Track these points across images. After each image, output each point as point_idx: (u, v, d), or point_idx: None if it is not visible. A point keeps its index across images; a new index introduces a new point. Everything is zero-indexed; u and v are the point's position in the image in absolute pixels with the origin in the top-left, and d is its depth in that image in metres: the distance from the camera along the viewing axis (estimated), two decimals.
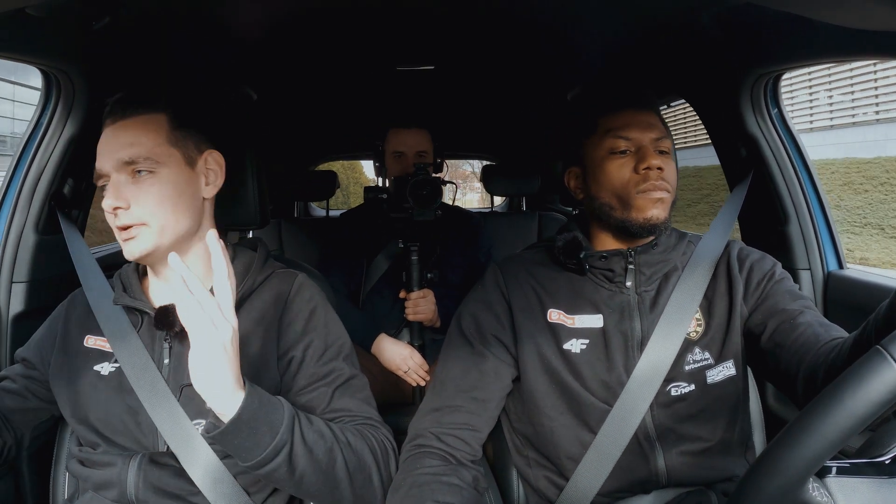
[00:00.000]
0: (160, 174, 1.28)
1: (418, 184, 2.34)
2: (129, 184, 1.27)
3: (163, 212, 1.28)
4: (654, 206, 1.34)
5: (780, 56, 1.66)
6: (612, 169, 1.38)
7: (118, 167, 1.26)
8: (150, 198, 1.27)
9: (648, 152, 1.35)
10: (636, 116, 1.39)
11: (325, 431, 1.19)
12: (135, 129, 1.28)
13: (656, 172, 1.34)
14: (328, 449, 1.18)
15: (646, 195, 1.34)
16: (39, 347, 1.42)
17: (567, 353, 1.37)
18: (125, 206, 1.25)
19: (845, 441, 0.70)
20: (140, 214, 1.26)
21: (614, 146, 1.38)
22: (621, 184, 1.37)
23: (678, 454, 1.34)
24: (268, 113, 3.07)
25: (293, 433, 1.13)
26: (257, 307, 1.37)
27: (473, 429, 1.36)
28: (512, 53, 2.24)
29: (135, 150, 1.26)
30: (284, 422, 1.12)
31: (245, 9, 1.65)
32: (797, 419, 0.73)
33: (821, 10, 0.95)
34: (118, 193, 1.25)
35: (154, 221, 1.27)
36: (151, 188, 1.27)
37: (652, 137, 1.37)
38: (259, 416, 1.09)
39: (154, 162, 1.27)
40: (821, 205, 1.92)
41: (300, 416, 1.17)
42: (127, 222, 1.26)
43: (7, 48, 1.47)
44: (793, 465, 0.71)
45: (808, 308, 1.36)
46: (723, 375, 1.37)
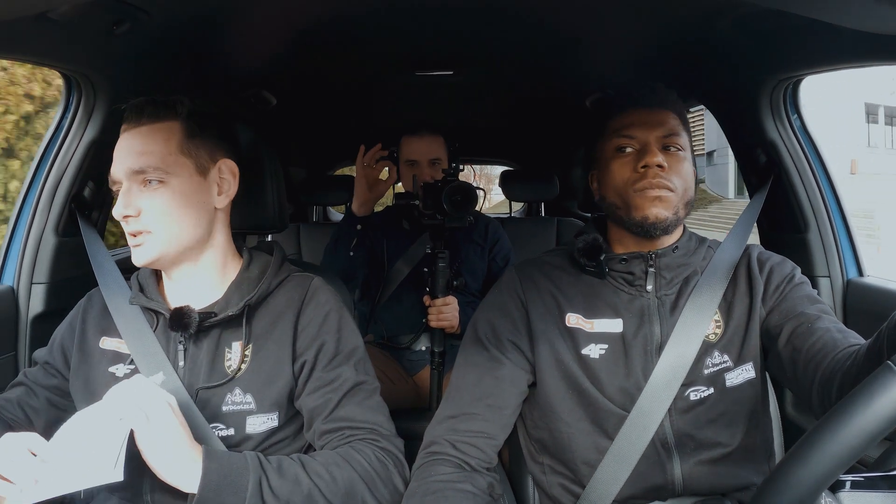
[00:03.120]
0: (170, 184, 1.29)
1: (453, 190, 2.32)
2: (140, 191, 1.28)
3: (169, 221, 1.29)
4: (651, 205, 1.32)
5: (799, 61, 1.65)
6: (616, 168, 1.37)
7: (129, 175, 1.28)
8: (158, 207, 1.28)
9: (649, 150, 1.33)
10: (643, 115, 1.37)
11: (302, 478, 1.20)
12: (147, 137, 1.29)
13: (655, 170, 1.32)
14: (306, 495, 1.19)
15: (643, 193, 1.33)
16: (62, 348, 1.42)
17: (585, 358, 1.36)
18: (135, 214, 1.27)
19: (857, 458, 0.70)
20: (147, 223, 1.28)
21: (619, 145, 1.37)
22: (622, 182, 1.36)
23: (696, 462, 1.32)
24: (287, 117, 3.08)
25: (262, 494, 1.15)
26: (273, 311, 1.38)
27: (489, 436, 1.34)
28: (530, 59, 2.23)
29: (144, 159, 1.27)
30: (250, 487, 1.14)
31: (265, 14, 1.66)
32: (808, 436, 0.73)
33: (839, 14, 0.94)
34: (128, 201, 1.27)
35: (160, 230, 1.29)
36: (160, 198, 1.28)
37: (657, 135, 1.35)
38: (222, 487, 1.12)
39: (164, 172, 1.28)
40: (841, 212, 1.89)
41: (268, 474, 1.18)
42: (135, 229, 1.28)
43: (29, 52, 1.49)
44: (804, 482, 0.71)
45: (825, 313, 1.34)
46: (742, 378, 1.35)
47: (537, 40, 1.97)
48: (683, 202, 1.35)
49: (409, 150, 2.68)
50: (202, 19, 1.63)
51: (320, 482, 1.20)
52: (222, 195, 1.38)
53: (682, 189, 1.35)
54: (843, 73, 1.85)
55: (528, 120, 3.58)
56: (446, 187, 2.30)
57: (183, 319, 1.29)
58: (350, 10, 1.66)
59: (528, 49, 2.08)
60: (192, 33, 1.72)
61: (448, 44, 2.06)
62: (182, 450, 1.11)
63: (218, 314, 1.32)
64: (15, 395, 1.39)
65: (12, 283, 1.79)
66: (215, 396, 1.31)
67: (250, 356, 1.33)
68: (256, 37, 1.88)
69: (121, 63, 1.69)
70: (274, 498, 1.15)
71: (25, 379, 1.42)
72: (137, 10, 1.41)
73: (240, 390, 1.31)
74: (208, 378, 1.31)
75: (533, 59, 2.23)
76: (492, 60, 2.27)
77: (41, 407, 1.39)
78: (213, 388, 1.31)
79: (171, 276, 1.38)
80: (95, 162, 1.80)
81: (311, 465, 1.23)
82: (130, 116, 1.31)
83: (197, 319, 1.30)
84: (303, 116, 3.24)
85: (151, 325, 1.36)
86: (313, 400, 1.32)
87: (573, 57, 2.15)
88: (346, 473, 1.23)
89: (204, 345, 1.34)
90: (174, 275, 1.37)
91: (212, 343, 1.34)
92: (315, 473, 1.21)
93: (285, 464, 1.22)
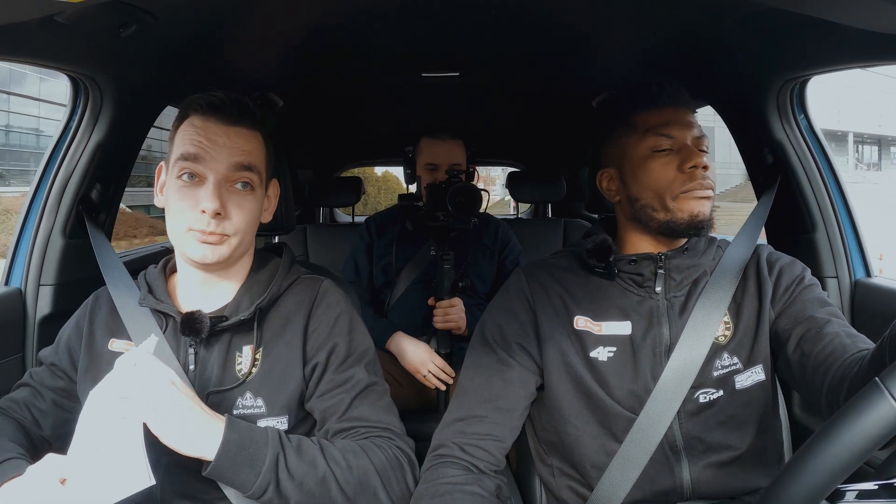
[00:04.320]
0: (257, 193, 1.32)
1: (457, 191, 2.32)
2: (229, 193, 1.28)
3: (249, 229, 1.32)
4: (699, 205, 1.33)
5: (806, 61, 1.64)
6: (656, 168, 1.36)
7: (229, 169, 1.27)
8: (245, 214, 1.30)
9: (693, 151, 1.33)
10: (677, 114, 1.37)
11: (319, 461, 1.20)
12: (249, 140, 1.31)
13: (702, 171, 1.32)
14: (320, 479, 1.19)
15: (691, 194, 1.33)
16: (69, 349, 1.41)
17: (593, 361, 1.35)
18: (224, 215, 1.27)
19: (847, 474, 0.70)
20: (230, 227, 1.28)
21: (657, 145, 1.36)
22: (666, 183, 1.34)
23: (704, 466, 1.32)
24: (293, 119, 3.09)
25: (277, 470, 1.15)
26: (283, 314, 1.37)
27: (497, 439, 1.34)
28: (536, 60, 2.23)
29: (250, 157, 1.29)
30: (267, 461, 1.14)
31: (270, 16, 1.66)
32: (798, 454, 0.73)
33: (846, 14, 0.94)
34: (222, 198, 1.26)
35: (237, 235, 1.30)
36: (248, 205, 1.30)
37: (694, 136, 1.36)
38: (239, 457, 1.13)
39: (259, 177, 1.31)
40: (848, 212, 1.88)
41: (287, 451, 1.18)
42: (218, 230, 1.26)
43: (36, 55, 1.50)
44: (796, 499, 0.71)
45: (835, 316, 1.33)
46: (752, 381, 1.34)
47: (543, 41, 1.97)
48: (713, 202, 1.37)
49: (431, 154, 2.68)
50: (208, 22, 1.64)
51: (336, 468, 1.20)
52: (266, 211, 1.41)
53: (714, 188, 1.36)
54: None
55: (535, 121, 3.57)
56: (450, 189, 2.30)
57: (195, 325, 1.29)
58: (355, 11, 1.66)
59: (534, 50, 2.07)
60: (198, 36, 1.72)
61: (454, 45, 2.06)
62: (198, 421, 1.12)
63: (229, 318, 1.32)
64: (21, 396, 1.39)
65: (20, 285, 1.79)
66: (226, 400, 1.30)
67: (261, 360, 1.33)
68: (262, 39, 1.88)
69: (127, 65, 1.70)
70: (288, 476, 1.15)
71: (31, 380, 1.42)
72: (143, 12, 1.41)
73: (250, 394, 1.31)
74: (219, 382, 1.31)
75: (538, 60, 2.22)
76: (498, 62, 2.27)
77: (47, 409, 1.38)
78: (224, 392, 1.31)
79: (199, 277, 1.36)
80: (102, 164, 1.81)
81: (329, 449, 1.23)
82: (228, 111, 1.29)
83: (208, 325, 1.29)
84: (309, 118, 3.25)
85: (160, 326, 1.36)
86: (325, 401, 1.32)
87: (579, 57, 2.15)
88: (362, 464, 1.23)
89: (215, 349, 1.33)
90: (205, 276, 1.36)
91: (223, 347, 1.33)
92: (332, 459, 1.21)
93: (304, 445, 1.22)
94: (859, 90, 32.03)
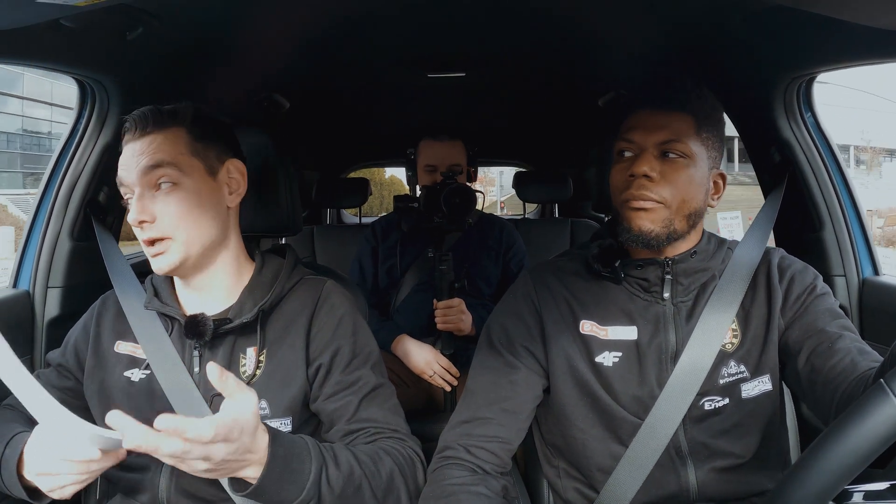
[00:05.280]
0: (183, 185, 1.28)
1: (451, 192, 2.32)
2: (153, 196, 1.27)
3: (187, 224, 1.28)
4: (636, 217, 1.28)
5: (813, 59, 1.63)
6: (614, 174, 1.33)
7: (142, 175, 1.26)
8: (174, 210, 1.27)
9: (640, 157, 1.27)
10: (645, 117, 1.30)
11: (356, 469, 1.18)
12: (157, 141, 1.28)
13: (641, 180, 1.26)
14: (357, 487, 1.17)
15: (628, 204, 1.29)
16: (76, 350, 1.42)
17: (599, 366, 1.34)
18: (150, 220, 1.26)
19: (853, 476, 0.70)
20: (164, 228, 1.27)
21: (619, 148, 1.33)
22: (615, 190, 1.32)
23: (710, 470, 1.31)
24: (300, 120, 3.09)
25: (320, 484, 1.12)
26: (286, 315, 1.37)
27: (503, 441, 1.33)
28: (542, 60, 2.23)
29: (158, 156, 1.26)
30: (311, 475, 1.11)
31: (276, 19, 1.66)
32: (804, 456, 0.73)
33: (853, 11, 0.93)
34: (142, 206, 1.26)
35: (179, 234, 1.27)
36: (175, 200, 1.27)
37: (656, 140, 1.28)
38: (284, 475, 1.08)
39: (177, 170, 1.27)
40: (855, 210, 1.87)
41: (328, 465, 1.15)
42: (153, 235, 1.26)
43: (43, 58, 1.50)
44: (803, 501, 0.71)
45: (847, 330, 1.30)
46: (758, 390, 1.32)
47: (549, 41, 1.97)
48: (681, 214, 1.29)
49: (429, 155, 2.67)
50: (214, 24, 1.64)
51: (369, 474, 1.19)
52: (233, 194, 1.38)
53: (676, 200, 1.28)
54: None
55: (541, 120, 3.57)
56: (444, 190, 2.30)
57: (198, 328, 1.29)
58: (361, 12, 1.66)
59: (540, 49, 2.07)
60: (204, 38, 1.73)
61: (459, 46, 2.06)
62: (249, 452, 1.03)
63: (233, 320, 1.32)
64: None
65: (28, 287, 1.80)
66: None
67: (265, 361, 1.33)
68: (268, 41, 1.89)
69: (134, 68, 1.70)
70: (329, 489, 1.13)
71: (38, 380, 1.42)
72: (149, 15, 1.42)
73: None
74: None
75: (544, 60, 2.22)
76: (504, 62, 2.27)
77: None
78: None
79: (187, 282, 1.37)
80: (110, 167, 1.80)
81: (360, 455, 1.21)
82: (134, 126, 1.30)
83: (212, 327, 1.30)
84: (316, 119, 3.25)
85: (166, 329, 1.36)
86: (333, 403, 1.32)
87: (585, 57, 2.15)
88: (388, 466, 1.23)
89: (219, 351, 1.33)
90: (191, 281, 1.36)
91: (227, 349, 1.33)
92: (365, 464, 1.20)
93: (339, 452, 1.20)
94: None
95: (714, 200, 1.37)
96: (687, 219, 1.30)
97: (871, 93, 26.02)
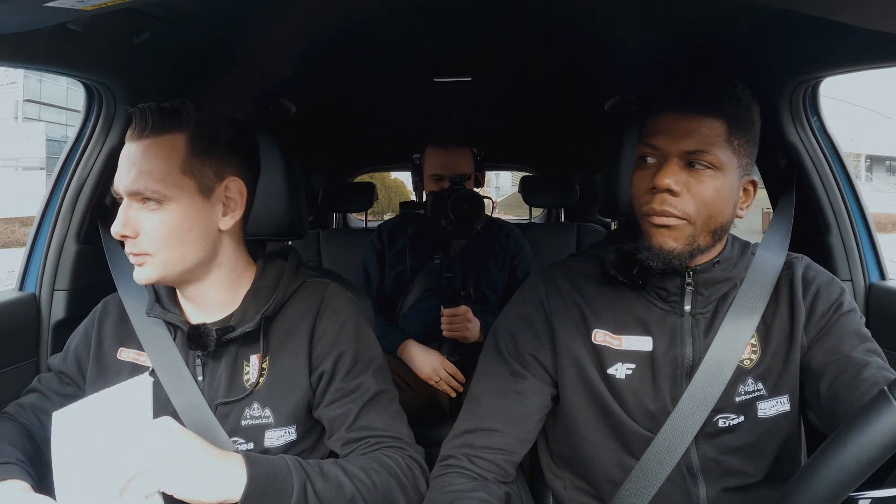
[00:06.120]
0: (168, 207, 1.21)
1: (459, 199, 2.31)
2: (139, 209, 1.22)
3: (167, 246, 1.22)
4: (657, 234, 1.20)
5: (819, 63, 1.62)
6: (634, 181, 1.24)
7: (129, 186, 1.22)
8: (156, 230, 1.21)
9: (664, 168, 1.18)
10: (674, 121, 1.19)
11: (345, 482, 1.17)
12: (148, 153, 1.22)
13: (663, 195, 1.18)
14: (349, 500, 1.17)
15: (648, 219, 1.21)
16: (77, 357, 1.41)
17: (611, 378, 1.29)
18: (132, 235, 1.22)
19: (858, 483, 0.70)
20: (145, 246, 1.22)
21: (641, 154, 1.24)
22: (636, 201, 1.24)
23: (721, 489, 1.26)
24: (307, 125, 3.10)
25: (307, 498, 1.12)
26: (288, 321, 1.35)
27: (507, 452, 1.30)
28: (548, 64, 2.22)
29: (142, 180, 1.20)
30: (295, 491, 1.11)
31: (282, 23, 1.67)
32: (809, 464, 0.73)
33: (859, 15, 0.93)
34: (126, 219, 1.22)
35: (159, 254, 1.23)
36: (158, 220, 1.21)
37: (682, 149, 1.18)
38: (267, 492, 1.08)
39: (162, 194, 1.20)
40: (862, 214, 1.86)
41: (313, 479, 1.15)
42: (133, 251, 1.23)
43: (50, 62, 1.51)
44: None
45: (873, 354, 1.21)
46: (776, 410, 1.27)
47: (555, 45, 1.96)
48: (706, 230, 1.21)
49: (435, 164, 2.66)
50: (220, 29, 1.65)
51: (362, 487, 1.18)
52: (227, 216, 1.30)
53: (702, 217, 1.19)
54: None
55: (547, 125, 3.57)
56: (452, 196, 2.29)
57: (201, 339, 1.27)
58: (368, 17, 1.66)
59: (546, 54, 2.07)
60: (211, 43, 1.73)
61: (466, 50, 2.06)
62: (214, 463, 1.06)
63: (235, 328, 1.30)
64: (29, 401, 1.38)
65: (34, 290, 1.81)
66: (234, 411, 1.30)
67: (268, 369, 1.32)
68: (274, 46, 1.89)
69: (140, 72, 1.71)
70: (318, 502, 1.13)
71: (40, 385, 1.41)
72: (156, 20, 1.42)
73: (258, 404, 1.30)
74: (227, 393, 1.30)
75: (550, 64, 2.22)
76: (510, 66, 2.27)
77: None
78: (232, 403, 1.30)
79: (180, 291, 1.35)
80: (116, 170, 1.82)
81: (350, 469, 1.20)
82: (136, 124, 1.24)
83: (215, 338, 1.28)
84: (322, 124, 3.26)
85: (171, 336, 1.35)
86: (334, 410, 1.30)
87: (591, 61, 2.14)
88: (384, 479, 1.22)
89: (223, 360, 1.32)
90: (183, 290, 1.34)
91: (230, 357, 1.32)
92: (356, 478, 1.19)
93: (326, 467, 1.19)
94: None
95: (743, 210, 1.27)
96: (712, 234, 1.23)
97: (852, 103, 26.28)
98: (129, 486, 1.03)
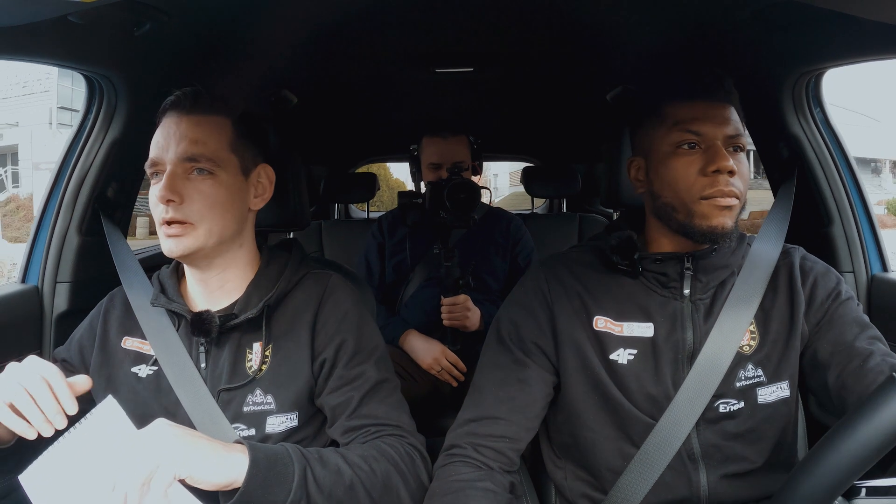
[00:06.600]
0: (218, 177, 1.28)
1: (455, 188, 2.31)
2: (186, 179, 1.27)
3: (213, 215, 1.28)
4: (720, 215, 1.22)
5: (822, 54, 1.62)
6: (679, 167, 1.25)
7: (179, 160, 1.26)
8: (204, 199, 1.27)
9: (720, 152, 1.22)
10: (710, 109, 1.25)
11: (344, 469, 1.18)
12: (202, 127, 1.29)
13: (726, 177, 1.21)
14: (348, 486, 1.17)
15: (712, 202, 1.23)
16: (80, 347, 1.43)
17: (613, 363, 1.30)
18: (178, 201, 1.25)
19: (863, 470, 0.70)
20: (190, 213, 1.26)
21: (682, 140, 1.25)
22: (686, 185, 1.24)
23: (721, 475, 1.28)
24: (308, 116, 3.10)
25: (307, 484, 1.13)
26: (291, 310, 1.37)
27: (511, 440, 1.31)
28: (550, 55, 2.22)
29: (199, 148, 1.27)
30: (296, 476, 1.12)
31: (283, 14, 1.66)
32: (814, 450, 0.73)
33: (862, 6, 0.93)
34: (173, 185, 1.24)
35: (203, 223, 1.27)
36: (207, 189, 1.27)
37: (726, 134, 1.24)
38: (269, 479, 1.09)
39: (215, 164, 1.28)
40: (864, 206, 1.86)
41: (313, 465, 1.15)
42: (176, 217, 1.25)
43: (50, 54, 1.51)
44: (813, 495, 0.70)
45: (876, 341, 1.25)
46: (775, 396, 1.29)
47: (557, 35, 1.96)
48: (741, 208, 1.27)
49: (432, 153, 2.65)
50: (221, 20, 1.64)
51: (361, 474, 1.19)
52: (258, 198, 1.39)
53: (745, 195, 1.26)
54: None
55: (549, 115, 3.56)
56: (448, 185, 2.29)
57: (204, 325, 1.29)
58: (369, 7, 1.66)
59: (548, 44, 2.06)
60: (212, 34, 1.73)
61: (467, 41, 2.05)
62: (216, 448, 1.07)
63: (238, 316, 1.32)
64: None
65: (37, 282, 1.81)
66: (237, 397, 1.31)
67: (270, 356, 1.33)
68: (275, 36, 1.89)
69: (142, 64, 1.71)
70: (318, 489, 1.13)
71: None
72: (157, 11, 1.42)
73: (260, 391, 1.31)
74: (230, 379, 1.32)
75: (552, 55, 2.21)
76: (512, 56, 2.26)
77: None
78: (235, 390, 1.31)
79: (196, 275, 1.37)
80: (118, 162, 1.82)
81: (350, 456, 1.21)
82: (184, 102, 1.30)
83: (218, 324, 1.30)
84: (323, 115, 3.25)
85: (174, 326, 1.37)
86: (335, 398, 1.31)
87: (593, 51, 2.14)
88: (383, 466, 1.22)
89: (226, 346, 1.34)
90: (200, 273, 1.36)
91: (233, 344, 1.34)
92: (355, 465, 1.20)
93: (326, 455, 1.20)
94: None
95: None
96: (742, 211, 1.28)
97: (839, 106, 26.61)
98: (145, 490, 1.02)
